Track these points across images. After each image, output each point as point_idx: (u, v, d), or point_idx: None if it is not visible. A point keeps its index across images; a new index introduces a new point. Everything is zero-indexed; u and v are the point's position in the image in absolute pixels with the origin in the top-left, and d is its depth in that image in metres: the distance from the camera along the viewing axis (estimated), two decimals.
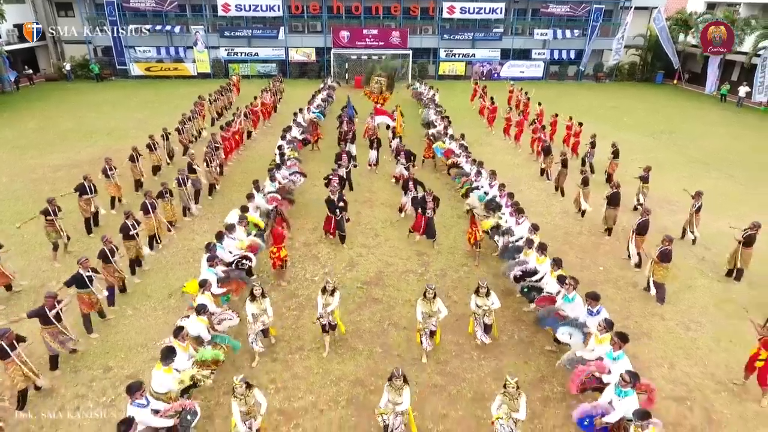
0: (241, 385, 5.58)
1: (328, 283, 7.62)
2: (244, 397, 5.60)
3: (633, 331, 8.50)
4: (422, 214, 10.99)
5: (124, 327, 8.45)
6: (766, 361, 6.92)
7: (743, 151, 19.35)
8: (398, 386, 5.79)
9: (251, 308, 7.35)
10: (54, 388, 7.08)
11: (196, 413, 5.77)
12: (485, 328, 7.82)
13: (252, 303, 7.37)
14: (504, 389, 5.70)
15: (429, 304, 7.39)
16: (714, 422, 6.73)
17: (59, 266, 10.12)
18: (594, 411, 5.71)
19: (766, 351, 6.91)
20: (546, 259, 8.47)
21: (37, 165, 16.30)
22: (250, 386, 5.73)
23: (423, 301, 7.46)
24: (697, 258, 11.04)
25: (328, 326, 7.69)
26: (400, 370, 5.84)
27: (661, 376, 7.52)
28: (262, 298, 7.43)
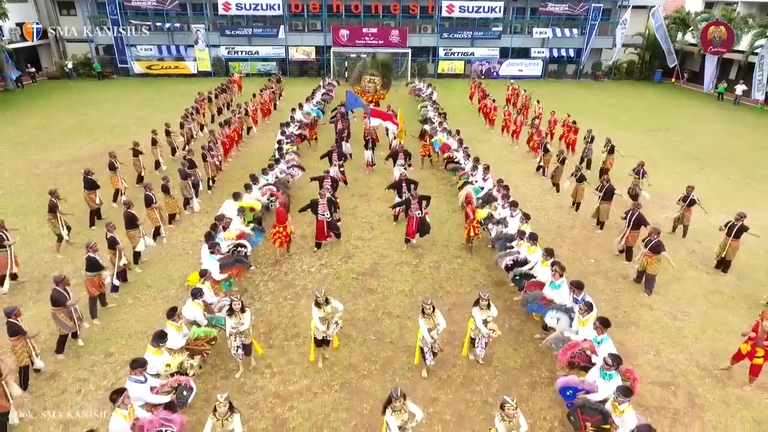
0: (225, 404, 5.20)
1: (319, 297, 7.09)
2: (222, 419, 5.18)
3: (621, 321, 8.73)
4: (411, 216, 10.74)
5: (124, 315, 8.68)
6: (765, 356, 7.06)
7: (737, 148, 19.54)
8: (399, 407, 5.32)
9: (229, 323, 6.84)
10: (56, 372, 7.31)
11: (191, 389, 6.00)
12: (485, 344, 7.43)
13: (231, 317, 6.83)
14: (502, 411, 5.33)
15: (430, 319, 6.97)
16: (697, 406, 6.93)
17: (61, 257, 10.35)
18: (580, 385, 5.93)
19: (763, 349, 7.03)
20: (537, 249, 8.68)
21: (40, 161, 16.55)
22: (233, 410, 5.32)
23: (423, 318, 6.98)
24: (687, 251, 11.23)
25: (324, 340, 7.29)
26: (399, 390, 5.34)
27: (647, 363, 7.72)
28: (241, 312, 6.88)
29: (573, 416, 5.79)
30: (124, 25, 30.29)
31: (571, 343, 6.61)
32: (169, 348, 6.37)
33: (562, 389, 6.10)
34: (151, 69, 32.03)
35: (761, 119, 24.81)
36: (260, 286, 9.57)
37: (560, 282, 7.70)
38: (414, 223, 10.71)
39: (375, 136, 16.24)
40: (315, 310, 7.13)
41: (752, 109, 26.83)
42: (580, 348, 6.46)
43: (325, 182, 11.73)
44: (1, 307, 7.22)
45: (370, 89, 20.58)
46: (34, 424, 6.44)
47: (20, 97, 26.30)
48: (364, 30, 31.62)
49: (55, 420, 6.50)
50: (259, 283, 9.66)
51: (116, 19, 30.19)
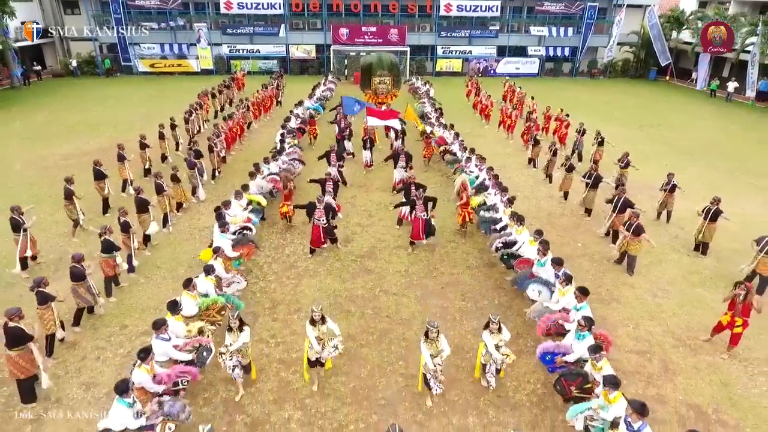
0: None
1: (315, 313, 6.62)
2: None
3: (604, 297, 9.30)
4: (417, 218, 10.55)
5: (137, 293, 9.24)
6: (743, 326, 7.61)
7: (727, 143, 20.10)
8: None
9: (228, 340, 6.53)
10: (76, 342, 7.87)
11: (210, 350, 6.56)
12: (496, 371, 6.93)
13: (229, 334, 6.55)
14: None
15: (434, 345, 6.45)
16: (669, 371, 7.48)
17: (77, 241, 10.91)
18: (557, 349, 6.48)
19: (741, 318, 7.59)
20: (523, 230, 9.25)
21: (48, 154, 17.09)
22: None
23: (426, 342, 6.46)
24: (670, 236, 11.79)
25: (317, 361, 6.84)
26: (397, 427, 5.01)
27: (625, 334, 8.28)
28: (239, 331, 6.56)
29: (558, 384, 6.33)
30: (128, 24, 30.86)
31: (545, 317, 7.16)
32: (185, 316, 6.92)
33: (542, 355, 6.64)
34: (154, 67, 32.59)
35: (752, 115, 25.37)
36: (264, 267, 10.13)
37: (545, 260, 8.26)
38: (420, 225, 10.51)
39: (373, 137, 16.19)
40: (309, 329, 6.65)
41: (744, 105, 27.40)
42: (554, 320, 7.02)
43: (327, 185, 11.48)
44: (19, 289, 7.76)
45: (382, 90, 19.56)
46: (58, 385, 6.99)
47: (26, 94, 26.87)
48: (363, 29, 32.18)
49: (78, 382, 7.06)
50: (263, 265, 10.22)
51: (120, 18, 30.74)
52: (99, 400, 6.74)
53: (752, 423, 6.61)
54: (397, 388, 7.07)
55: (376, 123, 15.48)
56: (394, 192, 13.11)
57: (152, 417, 5.32)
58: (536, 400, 6.91)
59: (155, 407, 5.40)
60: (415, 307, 8.91)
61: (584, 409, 5.65)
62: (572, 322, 6.87)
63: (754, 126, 23.15)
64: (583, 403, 5.71)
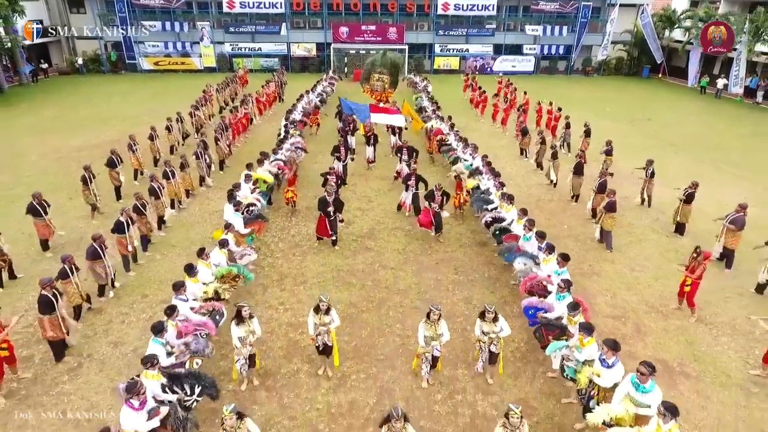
0: (231, 416, 4.94)
1: (322, 302, 6.75)
2: (234, 430, 4.99)
3: (586, 271, 10.09)
4: (429, 209, 10.84)
5: (154, 267, 10.00)
6: (692, 285, 8.44)
7: (713, 137, 20.89)
8: (399, 429, 4.92)
9: (238, 332, 6.55)
10: (102, 308, 8.63)
11: (223, 314, 7.30)
12: (491, 357, 7.01)
13: (238, 326, 6.57)
14: (506, 419, 5.12)
15: (433, 327, 6.63)
16: (641, 332, 8.26)
17: (96, 222, 11.66)
18: (540, 305, 7.26)
19: (690, 278, 8.41)
20: (512, 208, 10.04)
21: (61, 146, 17.83)
22: (242, 417, 5.15)
23: (426, 323, 6.66)
24: (651, 219, 12.57)
25: (323, 347, 6.95)
26: (399, 409, 4.96)
27: (603, 302, 9.06)
28: (249, 319, 6.65)
29: (538, 332, 7.10)
30: (132, 22, 31.60)
31: (529, 277, 7.95)
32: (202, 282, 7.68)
33: (526, 309, 7.42)
34: (158, 65, 33.32)
35: (739, 111, 26.17)
36: (271, 246, 10.90)
37: (530, 235, 9.04)
38: (431, 216, 10.78)
39: (375, 133, 16.36)
40: (311, 315, 6.81)
41: (732, 101, 28.20)
42: (537, 280, 7.80)
43: (330, 179, 11.65)
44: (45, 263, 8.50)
45: (378, 87, 20.17)
46: (88, 344, 7.75)
47: (35, 91, 27.59)
48: (363, 27, 32.94)
49: (105, 341, 7.82)
50: (270, 243, 10.99)
51: (125, 17, 31.47)
52: (126, 356, 7.51)
53: (712, 374, 7.39)
54: (394, 346, 7.85)
55: (379, 120, 15.77)
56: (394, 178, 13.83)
57: (181, 356, 6.07)
58: (519, 355, 7.69)
59: (183, 347, 6.17)
60: (412, 280, 9.68)
61: (562, 346, 6.41)
62: (554, 285, 7.63)
63: (740, 121, 23.94)
64: (562, 342, 6.47)
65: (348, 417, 6.54)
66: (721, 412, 6.72)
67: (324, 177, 11.95)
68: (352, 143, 16.90)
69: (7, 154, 16.84)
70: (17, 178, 14.63)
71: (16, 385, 6.94)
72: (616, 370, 5.82)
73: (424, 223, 10.89)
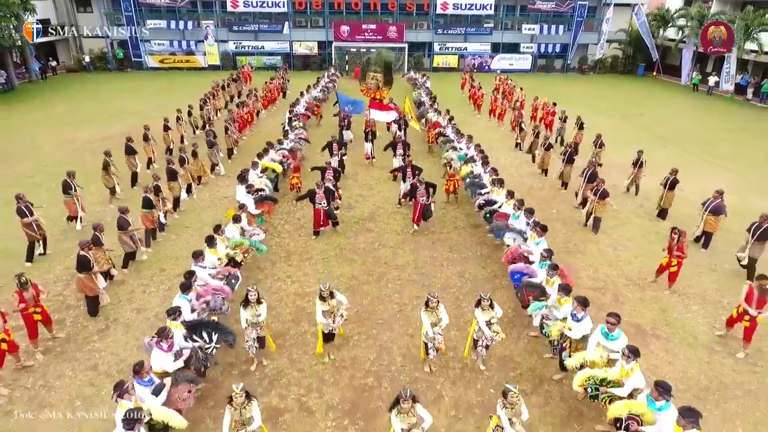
0: (241, 394, 5.27)
1: (323, 291, 7.00)
2: (240, 408, 5.31)
3: (571, 250, 10.85)
4: (416, 201, 11.24)
5: (170, 245, 10.77)
6: (678, 266, 9.17)
7: (701, 131, 21.63)
8: (407, 409, 5.15)
9: (245, 315, 6.83)
10: (125, 280, 9.40)
11: (238, 278, 8.06)
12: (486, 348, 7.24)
13: (246, 309, 6.83)
14: (504, 398, 5.40)
15: (434, 313, 6.87)
16: (619, 302, 9.01)
17: (112, 206, 12.40)
18: (525, 270, 8.02)
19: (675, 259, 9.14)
20: (502, 191, 10.80)
21: (75, 138, 18.59)
22: (250, 398, 5.43)
23: (427, 311, 6.88)
24: (636, 205, 13.33)
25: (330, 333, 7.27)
26: (408, 391, 5.19)
27: (586, 276, 9.81)
28: (257, 304, 6.92)
29: (520, 293, 7.87)
30: (138, 21, 32.38)
31: (512, 249, 8.70)
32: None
33: (512, 273, 8.19)
34: (163, 63, 34.09)
35: (730, 107, 26.92)
36: (278, 227, 11.67)
37: (518, 214, 9.79)
38: (419, 208, 11.21)
39: (374, 129, 16.90)
40: (319, 304, 7.06)
41: (723, 98, 28.94)
42: (519, 252, 8.55)
43: (327, 173, 12.11)
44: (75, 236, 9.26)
45: (372, 86, 19.60)
46: (114, 310, 8.51)
47: (44, 88, 28.35)
48: (363, 26, 33.71)
49: (129, 307, 8.59)
50: (277, 225, 11.75)
51: (131, 16, 32.24)
52: (149, 320, 8.26)
53: (680, 336, 8.14)
54: (392, 312, 8.61)
55: (378, 116, 16.27)
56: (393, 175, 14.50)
57: (201, 313, 6.83)
58: (506, 320, 8.42)
59: (203, 305, 6.92)
60: (409, 257, 10.44)
61: (542, 306, 7.16)
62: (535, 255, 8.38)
63: (729, 117, 24.69)
64: (542, 302, 7.22)
65: (351, 369, 7.30)
66: (686, 367, 7.48)
67: (321, 170, 12.26)
68: (347, 137, 17.10)
69: (24, 145, 17.61)
70: (36, 167, 15.41)
71: (52, 343, 7.70)
72: (585, 324, 6.58)
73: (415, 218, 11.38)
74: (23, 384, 6.92)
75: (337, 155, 14.03)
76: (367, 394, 6.87)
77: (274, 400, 6.72)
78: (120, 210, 9.52)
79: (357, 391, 6.90)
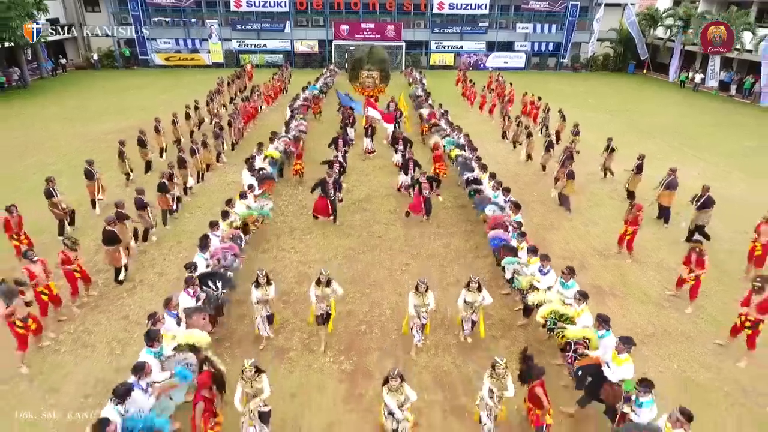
0: (252, 369, 5.62)
1: (322, 275, 7.41)
2: (251, 381, 5.65)
3: (546, 226, 12.03)
4: (419, 194, 11.74)
5: (185, 223, 11.95)
6: (632, 234, 10.35)
7: (683, 125, 22.79)
8: (396, 387, 5.59)
9: (256, 294, 7.41)
10: (146, 251, 10.58)
11: (241, 238, 9.27)
12: (471, 325, 7.77)
13: (256, 289, 7.43)
14: (492, 370, 5.78)
15: (421, 297, 7.27)
16: (584, 267, 10.16)
17: (129, 190, 13.56)
18: (503, 236, 9.17)
19: (630, 228, 10.32)
20: (486, 174, 11.98)
21: (88, 131, 19.77)
22: (260, 372, 5.75)
23: (415, 294, 7.30)
24: (610, 189, 14.49)
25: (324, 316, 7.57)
26: (396, 370, 5.65)
27: (557, 248, 10.96)
28: (267, 285, 7.46)
29: (497, 252, 9.06)
30: (145, 20, 33.56)
31: (494, 217, 9.88)
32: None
33: (492, 239, 9.36)
34: (169, 60, 35.30)
35: (713, 103, 28.08)
36: (282, 207, 12.84)
37: (497, 194, 10.96)
38: (422, 201, 11.69)
39: (374, 125, 17.28)
40: (313, 287, 7.42)
41: (708, 94, 30.11)
42: (500, 220, 9.72)
43: (335, 166, 12.63)
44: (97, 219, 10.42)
45: (369, 84, 20.55)
46: (139, 274, 9.69)
47: (55, 84, 29.56)
48: (362, 25, 34.91)
49: (152, 272, 9.77)
50: (282, 206, 12.93)
51: (138, 15, 33.43)
52: (170, 282, 9.42)
53: (635, 295, 9.32)
54: (383, 275, 9.79)
55: (374, 115, 16.86)
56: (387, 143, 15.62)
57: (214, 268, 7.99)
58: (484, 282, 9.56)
59: (215, 261, 8.10)
60: (400, 231, 11.62)
61: (515, 261, 8.32)
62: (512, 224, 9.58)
63: (711, 112, 25.85)
64: (514, 258, 8.38)
65: (346, 320, 8.46)
66: (636, 319, 8.65)
67: (329, 163, 12.76)
68: (352, 135, 17.92)
69: (42, 137, 18.78)
70: (56, 157, 16.59)
71: (87, 299, 8.87)
72: (550, 276, 7.76)
73: (414, 209, 11.84)
74: (66, 330, 8.10)
75: (341, 152, 14.65)
76: (360, 337, 8.05)
77: (281, 341, 7.90)
78: (137, 191, 10.65)
79: (351, 335, 8.07)
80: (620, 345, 6.02)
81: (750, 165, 17.22)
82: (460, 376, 7.36)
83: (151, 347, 5.88)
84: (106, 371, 7.19)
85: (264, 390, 5.74)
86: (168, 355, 6.03)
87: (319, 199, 11.61)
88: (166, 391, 5.73)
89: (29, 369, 7.21)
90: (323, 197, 11.52)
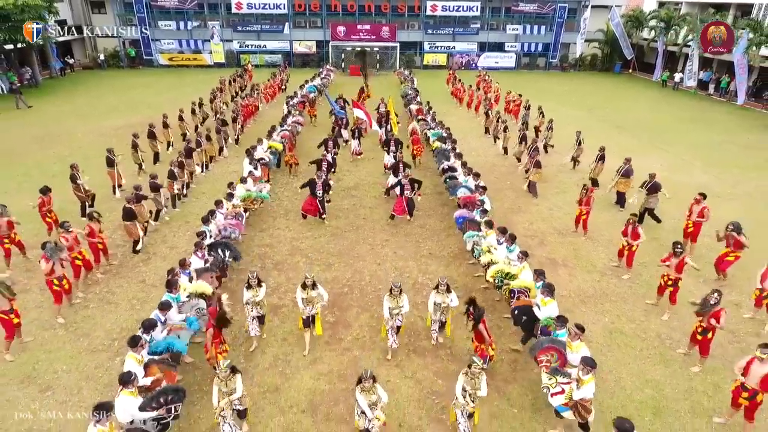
0: (226, 370, 5.87)
1: (307, 279, 7.62)
2: (225, 380, 5.88)
3: (515, 210, 13.46)
4: (401, 196, 12.25)
5: (191, 206, 13.38)
6: (586, 215, 11.78)
7: (657, 121, 24.19)
8: (368, 388, 5.78)
9: (247, 295, 7.61)
10: (159, 229, 12.01)
11: (242, 215, 10.70)
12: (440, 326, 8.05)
13: (248, 291, 7.62)
14: (468, 369, 5.95)
15: (395, 300, 7.50)
16: (543, 244, 11.60)
17: (141, 179, 15.02)
18: (467, 215, 10.58)
19: (584, 209, 11.76)
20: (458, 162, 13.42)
21: (101, 126, 21.18)
22: (235, 372, 6.02)
23: (390, 297, 7.53)
24: (579, 178, 15.87)
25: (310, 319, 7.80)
26: (369, 372, 5.81)
27: (522, 228, 12.37)
28: (258, 287, 7.67)
29: (462, 225, 10.47)
30: (150, 20, 34.99)
31: (464, 197, 11.31)
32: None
33: (457, 218, 10.77)
34: (172, 60, 36.72)
35: (691, 101, 29.48)
36: (279, 194, 14.28)
37: (468, 178, 12.39)
38: (404, 202, 12.15)
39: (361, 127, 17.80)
40: (299, 291, 7.62)
41: (688, 93, 31.49)
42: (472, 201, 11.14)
43: (323, 166, 12.88)
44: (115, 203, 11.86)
45: None
46: (152, 247, 11.12)
47: (65, 83, 30.98)
48: (358, 26, 36.31)
49: (164, 246, 11.21)
50: (278, 192, 14.37)
51: (143, 16, 34.84)
52: (180, 254, 10.80)
53: (583, 265, 10.75)
54: (365, 250, 11.23)
55: (360, 115, 17.39)
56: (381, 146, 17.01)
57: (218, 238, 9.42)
58: (452, 256, 11.04)
59: (217, 233, 9.54)
60: (383, 214, 13.05)
61: (474, 234, 9.75)
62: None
63: (687, 108, 27.26)
64: (475, 232, 9.80)
65: (331, 285, 9.88)
66: (580, 284, 10.08)
67: (317, 163, 13.15)
68: (346, 135, 18.32)
69: (57, 132, 20.22)
70: (72, 149, 18.01)
71: (108, 267, 10.30)
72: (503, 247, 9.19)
73: (398, 211, 12.23)
74: (92, 291, 9.54)
75: (331, 152, 15.06)
76: (342, 297, 9.49)
77: (275, 300, 9.33)
78: (151, 176, 12.10)
79: (335, 296, 9.48)
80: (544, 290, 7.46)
81: (712, 157, 18.63)
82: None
83: (170, 293, 7.32)
84: (129, 321, 8.63)
85: (237, 390, 5.95)
86: (183, 301, 7.47)
87: (308, 199, 12.12)
88: (175, 330, 7.14)
89: (65, 320, 8.64)
90: (312, 197, 12.04)
